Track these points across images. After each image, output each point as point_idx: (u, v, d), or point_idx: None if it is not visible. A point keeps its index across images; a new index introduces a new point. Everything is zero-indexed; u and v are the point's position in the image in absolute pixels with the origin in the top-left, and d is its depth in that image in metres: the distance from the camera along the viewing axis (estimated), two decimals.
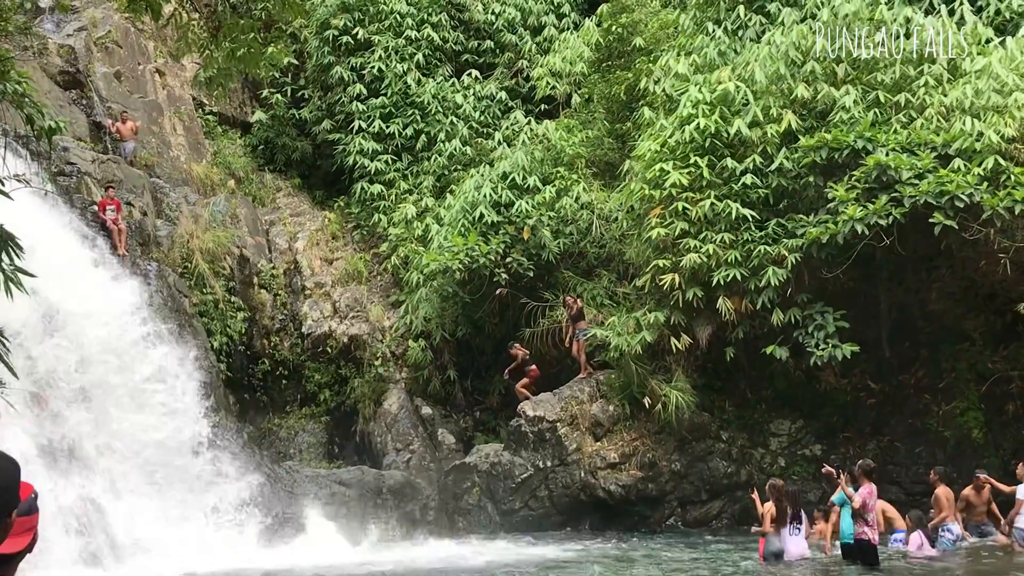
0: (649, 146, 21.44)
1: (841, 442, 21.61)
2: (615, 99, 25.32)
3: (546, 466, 21.44)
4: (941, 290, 21.00)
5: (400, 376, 26.02)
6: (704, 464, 21.43)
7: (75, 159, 22.91)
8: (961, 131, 19.01)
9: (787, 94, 21.03)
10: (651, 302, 21.12)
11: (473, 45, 31.17)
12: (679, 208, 20.50)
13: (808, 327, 19.78)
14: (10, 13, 10.00)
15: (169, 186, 25.96)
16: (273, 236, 28.13)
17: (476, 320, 24.81)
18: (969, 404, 20.67)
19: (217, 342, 23.41)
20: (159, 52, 29.40)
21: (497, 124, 29.53)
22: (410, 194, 28.21)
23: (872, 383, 21.60)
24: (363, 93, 29.52)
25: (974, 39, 20.91)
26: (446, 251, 23.73)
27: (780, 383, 21.51)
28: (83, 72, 26.15)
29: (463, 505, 21.98)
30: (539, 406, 21.92)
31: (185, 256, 23.86)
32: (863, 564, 14.54)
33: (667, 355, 21.21)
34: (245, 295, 25.35)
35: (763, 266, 19.71)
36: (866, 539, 14.46)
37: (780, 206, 20.62)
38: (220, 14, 9.46)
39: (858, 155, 19.33)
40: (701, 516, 21.34)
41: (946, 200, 18.10)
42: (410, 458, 24.39)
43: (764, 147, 20.70)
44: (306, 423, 25.92)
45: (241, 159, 30.32)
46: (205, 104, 30.66)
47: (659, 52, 24.39)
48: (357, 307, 27.07)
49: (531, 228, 23.82)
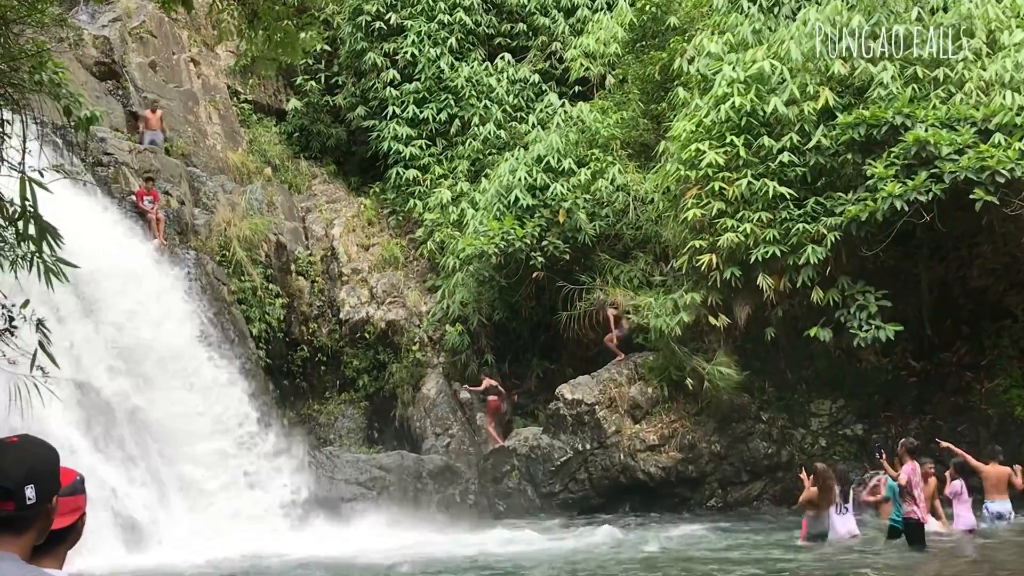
0: (684, 126, 21.32)
1: (882, 421, 21.46)
2: (649, 79, 25.17)
3: (585, 449, 21.43)
4: (982, 267, 20.80)
5: (438, 361, 26.06)
6: (744, 445, 21.35)
7: (112, 149, 23.05)
8: (1001, 105, 18.79)
9: (823, 71, 20.84)
10: (688, 283, 21.03)
11: (506, 28, 31.04)
12: (715, 188, 20.39)
13: (850, 307, 19.62)
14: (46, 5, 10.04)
15: (206, 175, 26.07)
16: (309, 223, 28.21)
17: (513, 304, 24.79)
18: (1012, 381, 20.47)
19: (256, 329, 23.53)
20: (193, 41, 29.51)
21: (531, 107, 29.42)
22: (445, 179, 28.19)
23: (913, 361, 21.42)
24: (396, 78, 29.51)
25: (1013, 12, 20.65)
26: (482, 235, 23.70)
27: (820, 363, 21.38)
28: (118, 63, 26.28)
29: (503, 488, 22.02)
30: (577, 389, 21.91)
31: (223, 244, 23.97)
32: (909, 543, 14.41)
33: (705, 336, 21.13)
34: (283, 282, 25.46)
35: (802, 244, 19.57)
36: (915, 518, 14.32)
37: (818, 184, 20.46)
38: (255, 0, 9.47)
39: (897, 131, 19.14)
40: (742, 497, 21.29)
41: (987, 175, 17.91)
42: (449, 442, 24.44)
43: (801, 125, 20.53)
44: (345, 408, 26.02)
45: (276, 147, 30.42)
46: (240, 92, 30.76)
47: (693, 31, 24.23)
48: (394, 293, 27.12)
49: (567, 211, 23.75)
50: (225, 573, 15.37)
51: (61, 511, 3.01)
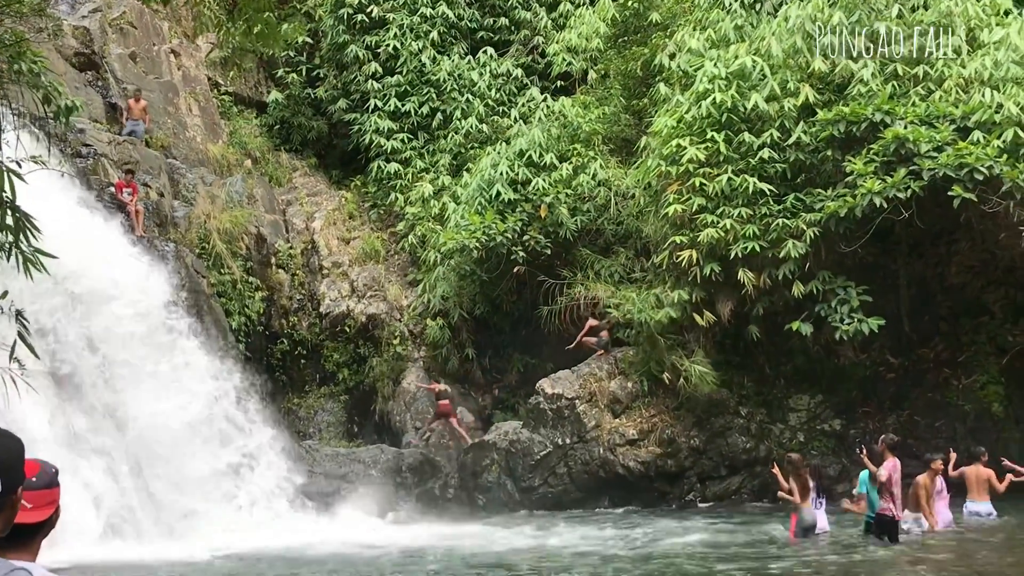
0: (666, 122, 21.36)
1: (860, 417, 21.55)
2: (631, 75, 25.21)
3: (565, 443, 21.45)
4: (960, 263, 20.93)
5: (418, 355, 26.05)
6: (723, 440, 21.41)
7: (91, 140, 22.95)
8: (980, 103, 18.89)
9: (804, 68, 20.91)
10: (670, 279, 21.07)
11: (488, 22, 31.03)
12: (696, 184, 20.43)
13: (831, 301, 19.71)
14: None
15: (186, 167, 25.98)
16: (290, 216, 28.14)
17: (494, 298, 24.80)
18: (989, 378, 20.60)
19: (235, 322, 23.48)
20: (174, 33, 29.39)
21: (513, 101, 29.43)
22: (426, 172, 28.19)
23: (891, 357, 21.53)
24: (378, 72, 29.47)
25: (993, 9, 20.75)
26: (463, 229, 23.71)
27: (799, 358, 21.45)
28: (98, 54, 26.17)
29: (482, 483, 22.02)
30: (557, 383, 21.93)
31: (202, 237, 23.91)
32: (878, 538, 14.51)
33: (685, 331, 21.18)
34: (263, 275, 25.39)
35: (782, 239, 19.64)
36: (889, 515, 14.40)
37: (798, 180, 20.54)
38: None
39: (876, 128, 19.23)
40: (721, 492, 21.35)
41: (965, 173, 18.01)
42: (429, 436, 24.44)
43: (781, 121, 20.59)
44: (325, 402, 26.00)
45: (257, 139, 30.34)
46: (220, 84, 30.66)
47: (675, 27, 24.25)
48: (375, 286, 27.09)
49: (548, 206, 23.77)
50: (203, 566, 15.34)
51: (37, 504, 3.00)
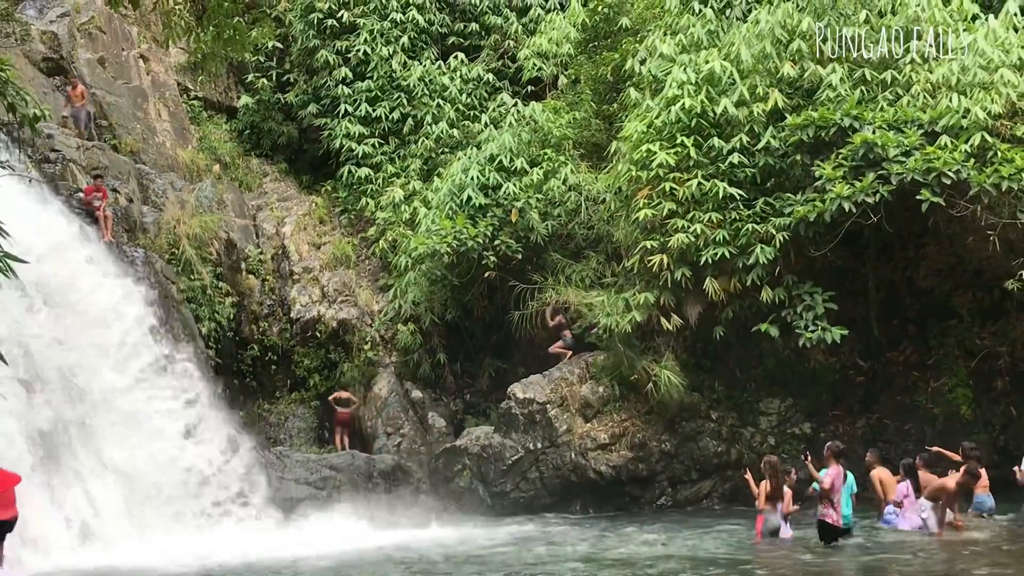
0: (636, 127, 21.42)
1: (830, 420, 21.66)
2: (602, 80, 25.28)
3: (536, 448, 21.46)
4: (929, 267, 21.06)
5: (390, 360, 26.00)
6: (694, 444, 21.46)
7: (60, 146, 22.80)
8: (948, 108, 19.04)
9: (773, 73, 21.01)
10: (640, 283, 21.12)
11: (459, 27, 31.04)
12: (666, 188, 20.50)
13: (797, 307, 19.82)
14: None
15: (155, 172, 25.84)
16: (260, 221, 28.05)
17: (465, 303, 24.79)
18: (958, 381, 20.73)
19: (205, 328, 23.35)
20: (143, 38, 29.24)
21: (484, 106, 29.45)
22: (397, 177, 28.16)
23: (861, 361, 21.65)
24: (349, 76, 29.43)
25: (960, 15, 20.92)
26: (434, 234, 23.68)
27: (769, 362, 21.53)
28: (67, 58, 26.00)
29: (454, 488, 22.00)
30: (529, 388, 21.93)
31: (172, 242, 23.78)
32: (824, 542, 14.74)
33: (656, 335, 21.23)
34: (233, 281, 25.27)
35: (751, 245, 19.73)
36: (829, 521, 14.62)
37: (767, 185, 20.63)
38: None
39: (845, 133, 19.35)
40: (692, 496, 21.40)
41: (933, 177, 18.14)
42: (400, 442, 24.40)
43: (751, 126, 20.70)
44: (296, 408, 25.89)
45: (227, 144, 30.22)
46: (190, 89, 30.53)
47: (645, 32, 24.34)
48: (346, 291, 27.02)
49: (519, 210, 23.78)
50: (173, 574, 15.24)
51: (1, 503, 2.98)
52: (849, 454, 17.26)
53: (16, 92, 10.47)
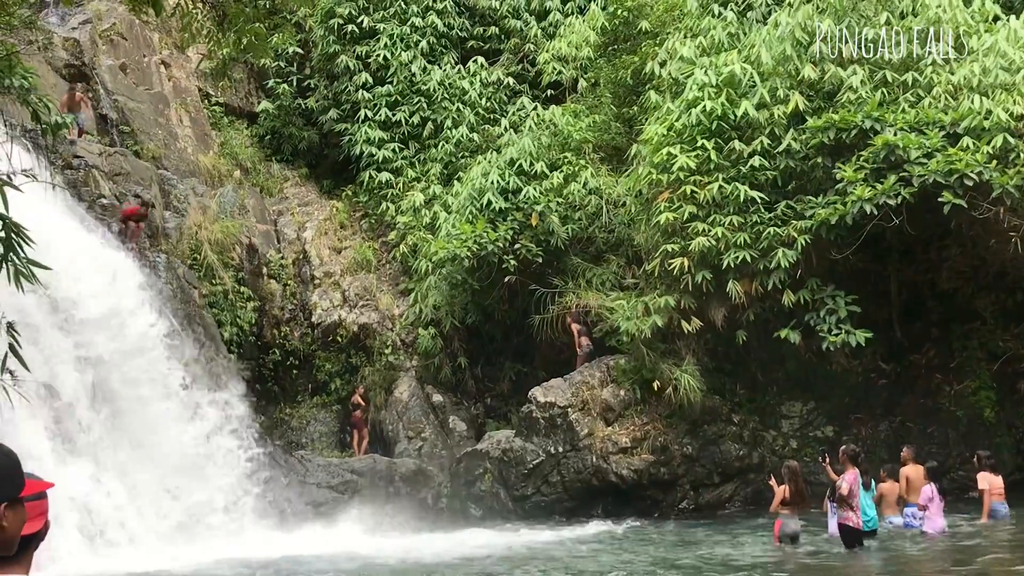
0: (656, 130, 21.39)
1: (853, 423, 21.58)
2: (621, 83, 25.24)
3: (558, 452, 21.43)
4: (951, 269, 20.97)
5: (410, 364, 26.04)
6: (716, 447, 21.40)
7: (82, 152, 22.94)
8: (969, 109, 18.95)
9: (794, 75, 20.94)
10: (661, 287, 21.07)
11: (478, 31, 31.07)
12: (687, 192, 20.45)
13: (820, 311, 19.73)
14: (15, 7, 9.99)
15: (177, 178, 25.97)
16: (281, 226, 28.14)
17: (485, 307, 24.78)
18: (981, 383, 20.64)
19: (228, 333, 23.46)
20: (164, 44, 29.39)
21: (503, 110, 29.47)
22: (417, 182, 28.19)
23: (883, 364, 21.56)
24: (369, 82, 29.48)
25: (981, 16, 20.82)
26: (454, 239, 23.70)
27: (791, 365, 21.46)
28: (88, 65, 26.16)
29: (475, 492, 21.99)
30: (550, 392, 21.91)
31: (194, 248, 23.90)
32: (845, 546, 14.65)
33: (677, 339, 21.18)
34: (254, 285, 25.37)
35: (773, 248, 19.67)
36: (850, 524, 14.54)
37: (789, 188, 20.56)
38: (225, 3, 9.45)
39: (866, 135, 19.28)
40: (714, 499, 21.34)
41: (955, 179, 18.06)
42: (422, 446, 24.42)
43: (772, 129, 20.63)
44: (317, 412, 25.98)
45: (248, 149, 30.32)
46: (211, 95, 30.65)
47: (665, 35, 24.29)
48: (366, 296, 27.09)
49: (539, 214, 23.77)
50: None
51: (30, 515, 2.99)
52: (871, 457, 17.18)
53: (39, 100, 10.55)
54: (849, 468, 14.61)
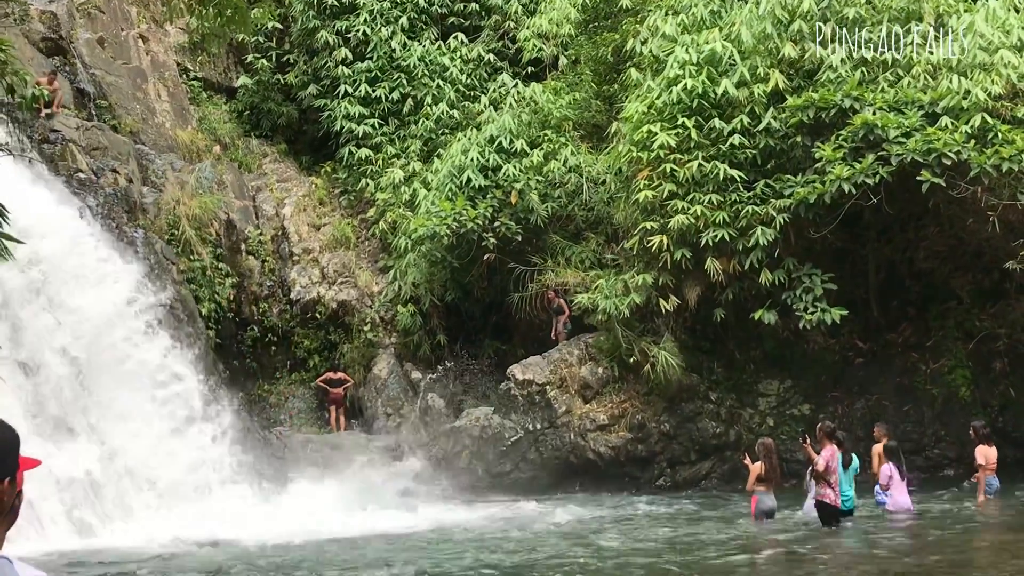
0: (636, 108, 21.36)
1: (829, 401, 21.69)
2: (602, 61, 25.19)
3: (536, 429, 21.50)
4: (928, 249, 21.06)
5: (389, 341, 26.04)
6: (693, 425, 21.49)
7: (59, 126, 22.77)
8: (948, 89, 18.99)
9: (774, 54, 20.94)
10: (639, 264, 21.11)
11: (459, 7, 30.92)
12: (667, 170, 20.46)
13: (796, 290, 19.80)
14: None
15: (154, 153, 25.82)
16: (260, 202, 28.03)
17: (465, 285, 24.79)
18: (957, 362, 20.76)
19: (205, 309, 23.38)
20: (142, 18, 29.16)
21: (484, 87, 29.38)
22: (397, 158, 28.11)
23: (860, 342, 21.67)
24: (348, 57, 29.34)
25: None
26: (434, 216, 23.67)
27: (768, 344, 21.55)
28: (66, 38, 25.92)
29: (453, 469, 22.04)
30: (528, 369, 21.95)
31: (172, 223, 23.79)
32: (823, 524, 14.74)
33: (656, 317, 21.23)
34: (233, 262, 25.29)
35: (751, 226, 19.71)
36: (828, 501, 14.62)
37: (768, 166, 20.58)
38: None
39: (845, 114, 19.31)
40: (691, 476, 21.45)
41: (933, 158, 18.10)
42: (400, 422, 24.44)
43: (751, 107, 20.63)
44: (296, 389, 25.97)
45: (226, 125, 30.17)
46: (189, 70, 30.47)
47: (646, 12, 24.22)
48: (345, 273, 27.04)
49: (519, 192, 23.75)
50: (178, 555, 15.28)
51: None
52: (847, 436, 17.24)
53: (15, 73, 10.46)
54: (826, 445, 14.69)
